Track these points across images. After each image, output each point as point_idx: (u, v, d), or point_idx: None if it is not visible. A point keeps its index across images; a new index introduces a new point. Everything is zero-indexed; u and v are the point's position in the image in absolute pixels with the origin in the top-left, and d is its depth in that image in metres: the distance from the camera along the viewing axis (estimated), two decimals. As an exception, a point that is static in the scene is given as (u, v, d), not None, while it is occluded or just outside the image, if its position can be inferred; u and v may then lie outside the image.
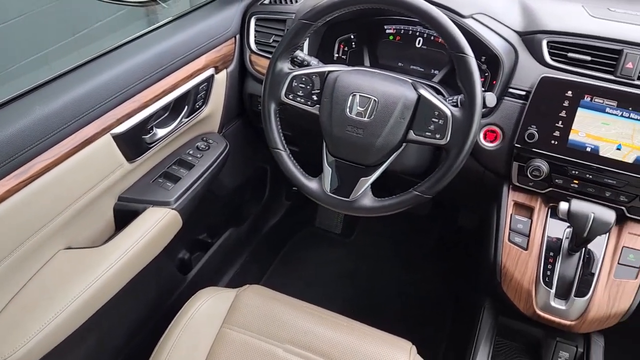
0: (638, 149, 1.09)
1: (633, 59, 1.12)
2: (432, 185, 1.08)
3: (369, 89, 1.10)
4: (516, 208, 1.23)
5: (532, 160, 1.16)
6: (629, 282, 1.11)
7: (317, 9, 1.11)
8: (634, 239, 1.14)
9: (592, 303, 1.10)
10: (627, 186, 1.11)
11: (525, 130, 1.15)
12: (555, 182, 1.16)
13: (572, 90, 1.12)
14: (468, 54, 1.02)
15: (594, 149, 1.12)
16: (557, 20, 1.21)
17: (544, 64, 1.18)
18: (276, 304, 1.16)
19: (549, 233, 1.18)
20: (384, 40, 1.42)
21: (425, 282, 2.00)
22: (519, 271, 1.16)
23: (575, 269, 1.13)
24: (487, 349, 1.21)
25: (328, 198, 1.15)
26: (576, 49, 1.16)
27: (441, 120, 1.05)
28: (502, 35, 1.23)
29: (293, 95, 1.16)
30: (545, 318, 1.13)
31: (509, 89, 1.20)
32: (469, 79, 1.02)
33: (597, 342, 1.21)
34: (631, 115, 1.09)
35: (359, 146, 1.10)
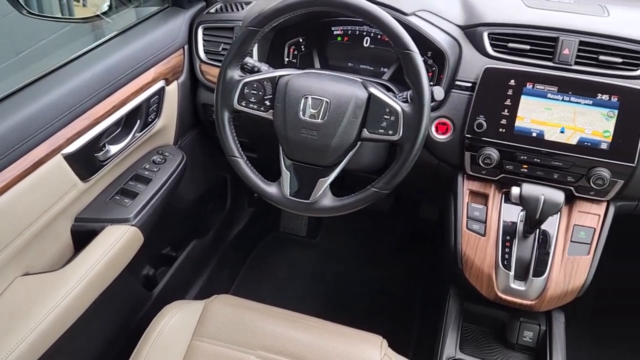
0: (580, 131, 1.14)
1: (569, 45, 1.17)
2: (389, 181, 1.10)
3: (320, 91, 1.11)
4: (472, 196, 1.26)
5: (483, 149, 1.20)
6: (582, 259, 1.16)
7: (263, 15, 1.11)
8: (584, 217, 1.19)
9: (549, 282, 1.15)
10: (573, 167, 1.16)
11: (474, 121, 1.19)
12: (506, 169, 1.21)
13: (514, 79, 1.17)
14: (413, 50, 1.05)
15: (539, 133, 1.16)
16: (496, 13, 1.26)
17: (486, 56, 1.22)
18: (246, 312, 1.16)
19: (504, 218, 1.22)
20: (332, 41, 1.44)
21: (393, 276, 2.04)
22: (478, 257, 1.20)
23: (531, 250, 1.18)
24: (455, 336, 1.24)
25: (288, 201, 1.15)
26: (516, 39, 1.21)
27: (392, 117, 1.08)
28: (445, 30, 1.27)
29: (246, 102, 1.16)
30: (507, 300, 1.17)
31: (456, 81, 1.23)
32: (415, 74, 1.05)
33: (558, 319, 1.26)
34: (571, 99, 1.14)
35: (314, 148, 1.11)
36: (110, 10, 1.41)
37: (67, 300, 1.03)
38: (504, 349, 1.27)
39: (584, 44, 1.17)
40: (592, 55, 1.16)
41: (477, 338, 1.30)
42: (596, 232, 1.17)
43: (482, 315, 1.31)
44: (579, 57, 1.17)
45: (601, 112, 1.13)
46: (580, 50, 1.17)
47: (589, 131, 1.14)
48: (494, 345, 1.28)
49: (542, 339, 1.24)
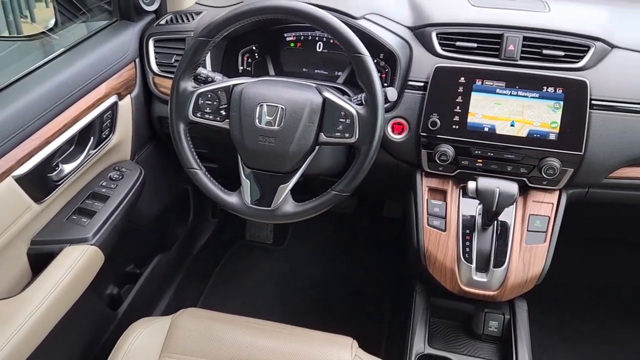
0: (529, 123, 1.18)
1: (513, 41, 1.21)
2: (349, 183, 1.11)
3: (275, 98, 1.11)
4: (431, 193, 1.29)
5: (438, 146, 1.22)
6: (539, 247, 1.19)
7: (213, 25, 1.11)
8: (538, 206, 1.23)
9: (509, 271, 1.18)
10: (525, 159, 1.20)
11: (428, 119, 1.21)
12: (461, 164, 1.24)
13: (464, 77, 1.20)
14: (363, 53, 1.06)
15: (491, 128, 1.20)
16: (443, 13, 1.29)
17: (436, 55, 1.25)
18: (214, 324, 1.15)
19: (463, 212, 1.24)
20: (285, 48, 1.45)
21: (361, 277, 2.05)
22: (440, 252, 1.22)
23: (490, 242, 1.21)
24: (423, 331, 1.26)
25: (249, 210, 1.15)
26: (463, 38, 1.24)
27: (348, 120, 1.09)
28: (395, 32, 1.29)
29: (201, 113, 1.15)
30: (470, 292, 1.20)
31: (408, 82, 1.26)
32: (367, 77, 1.07)
33: (521, 307, 1.30)
34: (519, 93, 1.18)
35: (273, 155, 1.11)
36: (57, 26, 1.38)
37: (27, 326, 1.00)
38: (471, 341, 1.30)
39: (527, 40, 1.21)
40: (536, 49, 1.21)
41: (445, 332, 1.32)
42: (550, 220, 1.21)
43: (448, 309, 1.34)
44: (523, 52, 1.21)
45: (548, 104, 1.17)
46: (525, 46, 1.21)
47: (538, 123, 1.18)
48: (461, 337, 1.31)
49: (507, 328, 1.28)
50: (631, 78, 1.19)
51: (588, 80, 1.16)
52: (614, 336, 1.81)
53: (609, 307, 1.90)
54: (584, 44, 1.20)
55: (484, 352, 1.27)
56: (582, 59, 1.19)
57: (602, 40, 1.20)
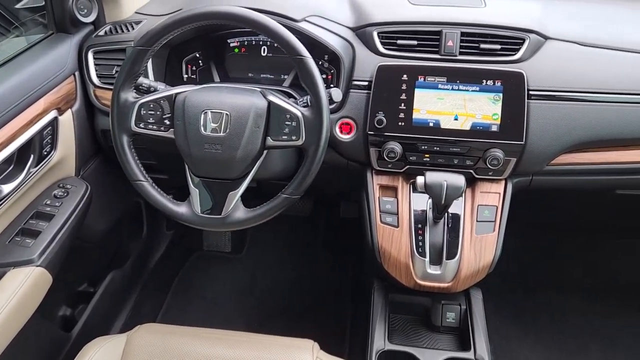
0: (472, 116, 1.21)
1: (452, 37, 1.24)
2: (298, 185, 1.11)
3: (219, 104, 1.10)
4: (382, 190, 1.30)
5: (386, 144, 1.24)
6: (488, 236, 1.22)
7: (151, 33, 1.09)
8: (486, 197, 1.26)
9: (462, 262, 1.20)
10: (470, 151, 1.23)
11: (374, 117, 1.23)
12: (410, 160, 1.25)
13: (406, 74, 1.22)
14: (305, 55, 1.07)
15: (435, 123, 1.22)
16: (383, 12, 1.31)
17: (378, 54, 1.27)
18: (172, 338, 1.13)
19: (414, 207, 1.26)
20: (230, 54, 1.44)
21: (322, 279, 2.05)
22: (395, 248, 1.23)
23: (442, 234, 1.23)
24: (383, 328, 1.26)
25: (200, 219, 1.14)
26: (404, 36, 1.27)
27: (294, 122, 1.09)
28: (337, 33, 1.30)
29: (144, 124, 1.13)
30: (425, 286, 1.21)
31: (353, 82, 1.27)
32: (310, 79, 1.07)
33: (476, 296, 1.32)
34: (460, 87, 1.21)
35: (220, 162, 1.10)
36: (-12, 42, 1.33)
37: (-30, 356, 0.95)
38: (430, 333, 1.31)
39: (465, 35, 1.24)
40: (473, 44, 1.24)
41: (405, 327, 1.34)
42: (498, 209, 1.24)
43: (407, 304, 1.35)
44: (462, 48, 1.24)
45: (488, 97, 1.20)
46: (463, 41, 1.24)
47: (480, 116, 1.21)
48: (421, 331, 1.33)
49: (464, 318, 1.30)
50: (565, 67, 1.24)
51: (525, 72, 1.20)
52: (568, 319, 1.87)
53: (561, 291, 1.96)
54: (519, 36, 1.24)
55: (443, 343, 1.28)
56: (518, 52, 1.23)
57: (536, 33, 1.24)
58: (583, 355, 1.76)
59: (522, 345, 1.77)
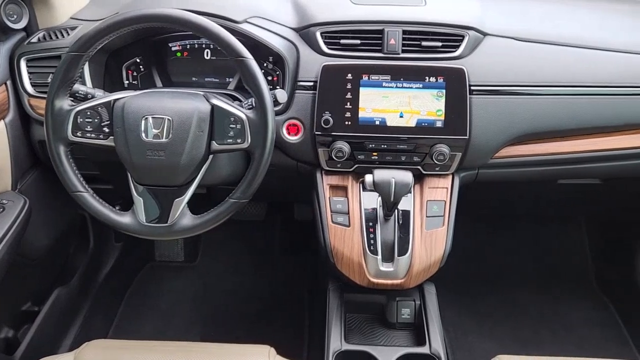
0: (417, 113, 1.22)
1: (394, 35, 1.25)
2: (246, 189, 1.09)
3: (160, 109, 1.07)
4: (332, 190, 1.30)
5: (334, 144, 1.24)
6: (438, 231, 1.24)
7: (85, 38, 1.05)
8: (434, 192, 1.28)
9: (413, 258, 1.21)
10: (416, 147, 1.24)
11: (321, 117, 1.22)
12: (358, 159, 1.26)
13: (351, 73, 1.22)
14: (246, 56, 1.05)
15: (381, 121, 1.23)
16: (325, 12, 1.31)
17: (322, 54, 1.26)
18: (122, 353, 1.09)
19: (364, 206, 1.26)
20: (172, 58, 1.41)
21: (279, 282, 2.04)
22: (347, 247, 1.23)
23: (393, 231, 1.24)
24: (339, 328, 1.26)
25: (145, 228, 1.10)
26: (347, 35, 1.27)
27: (239, 125, 1.07)
28: (280, 34, 1.29)
29: (82, 132, 1.09)
30: (379, 283, 1.22)
31: (298, 82, 1.26)
32: (253, 80, 1.06)
33: (429, 291, 1.34)
34: (404, 85, 1.22)
35: (164, 168, 1.07)
36: None
37: None
38: (387, 331, 1.32)
39: (407, 33, 1.25)
40: (415, 42, 1.25)
41: (362, 326, 1.34)
42: (447, 204, 1.26)
43: (362, 303, 1.35)
44: (404, 46, 1.25)
45: (431, 93, 1.22)
46: (405, 39, 1.25)
47: (424, 112, 1.22)
48: (377, 329, 1.33)
49: (419, 313, 1.31)
50: (504, 62, 1.27)
51: (465, 68, 1.22)
52: (519, 307, 1.93)
53: (511, 280, 2.01)
54: (459, 33, 1.26)
55: (399, 339, 1.29)
56: (458, 48, 1.25)
57: (474, 29, 1.27)
58: (536, 342, 1.82)
59: (477, 337, 1.81)
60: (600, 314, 1.90)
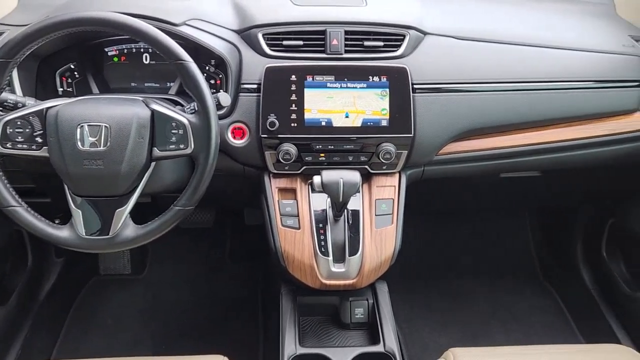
0: (362, 113, 1.23)
1: (336, 36, 1.25)
2: (191, 196, 1.06)
3: (97, 117, 1.03)
4: (281, 193, 1.28)
5: (281, 146, 1.22)
6: (387, 229, 1.25)
7: (10, 44, 1.00)
8: (382, 190, 1.28)
9: (364, 257, 1.21)
10: (363, 147, 1.24)
11: (266, 120, 1.21)
12: (306, 161, 1.25)
13: (294, 74, 1.21)
14: (185, 59, 1.02)
15: (327, 122, 1.22)
16: (267, 13, 1.29)
17: (265, 56, 1.25)
18: None
19: (314, 207, 1.26)
20: (109, 63, 1.36)
21: (231, 290, 2.00)
22: (298, 250, 1.22)
23: (343, 232, 1.24)
24: (293, 332, 1.25)
25: (86, 242, 1.05)
26: (289, 37, 1.26)
27: (181, 130, 1.04)
28: (221, 36, 1.26)
29: (12, 144, 1.03)
30: (331, 285, 1.21)
31: (242, 85, 1.24)
32: (194, 84, 1.03)
33: (382, 289, 1.35)
34: (348, 85, 1.22)
35: (103, 178, 1.03)
36: None
37: None
38: (341, 331, 1.32)
39: (349, 33, 1.25)
40: (358, 42, 1.26)
41: (316, 328, 1.33)
42: (395, 202, 1.27)
43: (316, 305, 1.35)
44: (347, 46, 1.25)
45: (375, 93, 1.22)
46: (347, 39, 1.25)
47: (369, 112, 1.23)
48: (332, 330, 1.32)
49: (373, 312, 1.32)
50: (444, 61, 1.29)
51: (407, 67, 1.23)
52: (469, 299, 1.97)
53: (460, 273, 2.06)
54: (400, 33, 1.27)
55: (354, 340, 1.29)
56: (400, 48, 1.26)
57: (415, 29, 1.29)
58: (486, 332, 1.86)
59: (429, 331, 1.84)
60: (545, 302, 1.97)
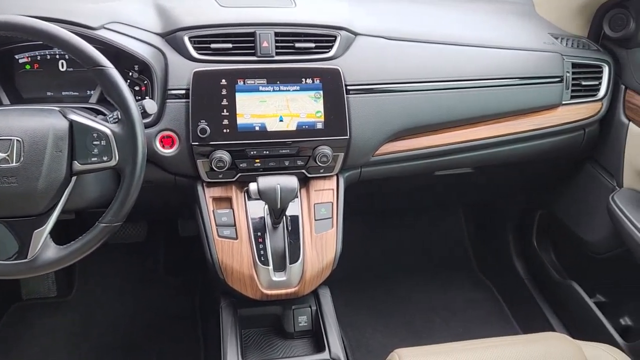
0: (296, 116, 1.20)
1: (266, 37, 1.21)
2: (118, 211, 0.99)
3: (7, 130, 0.94)
4: (216, 203, 1.23)
5: (213, 154, 1.17)
6: (328, 233, 1.23)
7: None
8: (320, 194, 1.26)
9: (305, 264, 1.19)
10: (299, 151, 1.21)
11: (197, 127, 1.15)
12: (240, 167, 1.20)
13: (225, 78, 1.16)
14: (105, 65, 0.96)
15: (261, 127, 1.19)
16: (192, 15, 1.24)
17: (193, 60, 1.19)
18: None
19: (251, 215, 1.22)
20: (20, 71, 1.25)
21: (168, 305, 1.91)
22: (236, 261, 1.17)
23: (283, 239, 1.20)
24: (235, 346, 1.20)
25: (2, 267, 0.96)
26: (217, 39, 1.21)
27: (103, 141, 0.97)
28: (143, 40, 1.20)
29: None
30: (273, 295, 1.18)
31: (169, 91, 1.18)
32: (115, 91, 0.97)
33: (324, 295, 1.32)
34: (281, 88, 1.19)
35: (17, 196, 0.94)
36: None
37: None
38: (285, 341, 1.28)
39: (279, 35, 1.22)
40: (289, 44, 1.23)
41: (259, 340, 1.29)
42: (334, 205, 1.25)
43: (257, 317, 1.30)
44: (278, 48, 1.22)
45: (309, 95, 1.20)
46: (278, 41, 1.22)
47: (304, 115, 1.20)
48: (275, 341, 1.28)
49: (316, 319, 1.29)
50: (376, 61, 1.29)
51: (340, 68, 1.22)
52: (410, 297, 1.99)
53: (400, 272, 2.08)
54: (331, 34, 1.26)
55: (299, 349, 1.26)
56: (331, 49, 1.25)
57: (345, 29, 1.27)
58: (429, 329, 1.88)
59: (373, 333, 1.83)
60: (482, 295, 2.02)
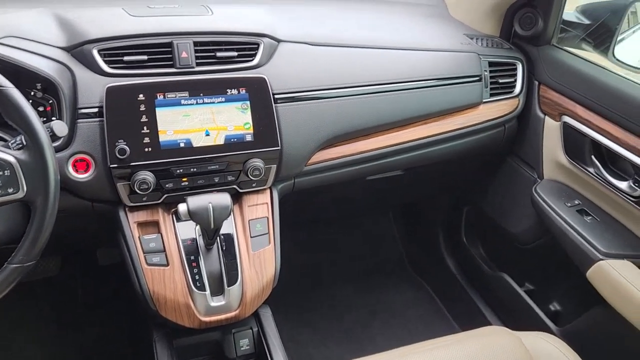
0: (223, 129, 1.13)
1: (184, 47, 1.14)
2: (30, 249, 0.88)
3: None
4: (141, 228, 1.13)
5: (135, 175, 1.07)
6: (266, 250, 1.17)
7: None
8: (254, 210, 1.20)
9: (245, 285, 1.12)
10: (229, 166, 1.14)
11: (114, 148, 1.05)
12: (166, 188, 1.11)
13: (142, 93, 1.08)
14: (4, 85, 0.84)
15: (186, 143, 1.11)
16: (99, 27, 1.13)
17: (104, 74, 1.09)
18: None
19: (182, 238, 1.13)
20: None
21: (91, 344, 1.76)
22: (169, 289, 1.09)
23: (218, 261, 1.13)
24: (174, 382, 1.11)
25: None
26: (130, 51, 1.12)
27: (7, 171, 0.86)
28: (46, 55, 1.08)
29: None
30: (212, 321, 1.10)
31: (79, 110, 1.07)
32: (18, 113, 0.85)
33: (265, 315, 1.26)
34: (205, 100, 1.12)
35: None
36: None
37: None
38: None
39: (198, 44, 1.15)
40: (209, 54, 1.16)
41: None
42: (269, 220, 1.20)
43: (195, 345, 1.22)
44: (198, 58, 1.15)
45: (236, 106, 1.14)
46: (197, 51, 1.15)
47: (232, 127, 1.13)
48: None
49: (259, 340, 1.23)
50: (301, 68, 1.25)
51: (266, 76, 1.17)
52: (349, 305, 1.97)
53: (336, 280, 2.05)
54: (253, 41, 1.20)
55: None
56: (255, 57, 1.19)
57: (268, 36, 1.22)
58: (368, 334, 1.87)
59: (315, 346, 1.79)
60: (418, 294, 2.04)
